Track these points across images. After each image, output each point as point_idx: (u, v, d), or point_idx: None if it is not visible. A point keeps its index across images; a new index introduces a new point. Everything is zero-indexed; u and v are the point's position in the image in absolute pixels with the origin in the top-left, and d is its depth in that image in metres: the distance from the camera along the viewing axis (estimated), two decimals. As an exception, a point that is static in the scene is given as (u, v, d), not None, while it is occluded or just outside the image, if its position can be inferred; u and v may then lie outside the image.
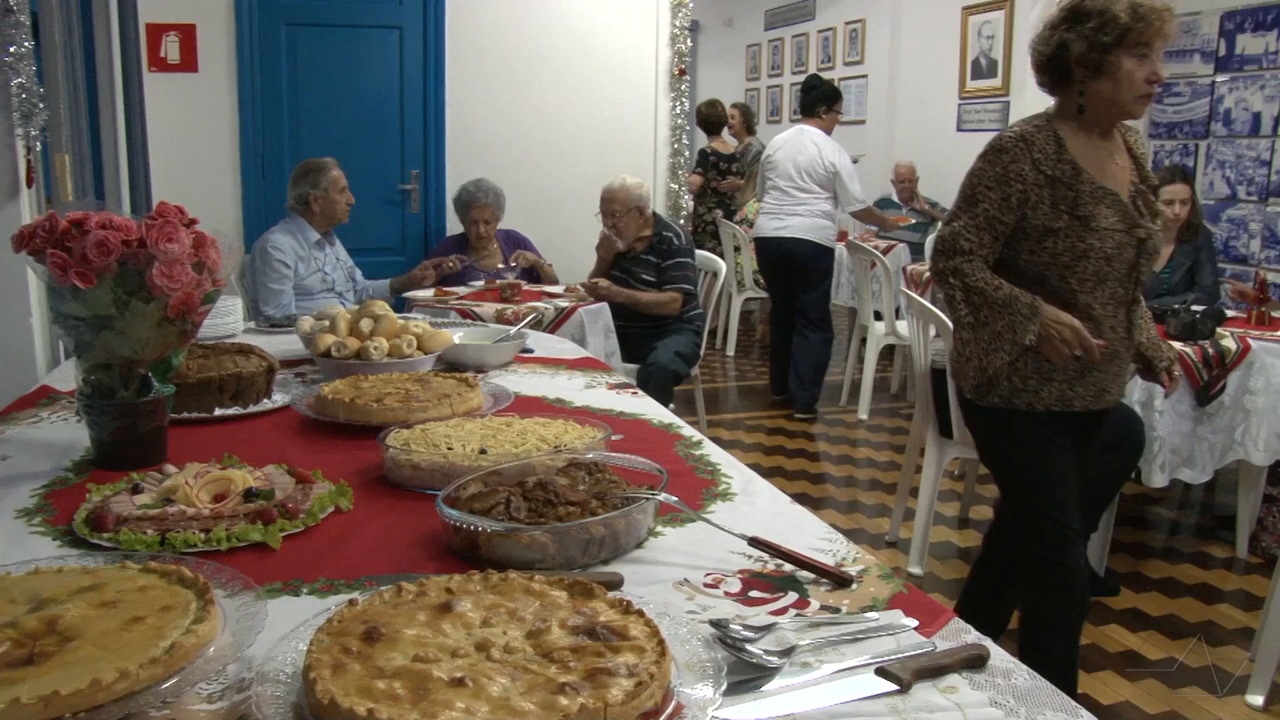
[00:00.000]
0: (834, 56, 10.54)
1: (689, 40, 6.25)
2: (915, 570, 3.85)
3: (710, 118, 8.16)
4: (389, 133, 5.81)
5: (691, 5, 6.19)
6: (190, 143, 5.31)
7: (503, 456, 1.72)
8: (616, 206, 4.79)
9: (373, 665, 1.05)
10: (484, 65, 5.86)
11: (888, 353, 6.56)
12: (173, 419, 1.95)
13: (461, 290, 4.66)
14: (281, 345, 2.88)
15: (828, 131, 5.99)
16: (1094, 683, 3.13)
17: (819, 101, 6.00)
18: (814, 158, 5.84)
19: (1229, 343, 3.85)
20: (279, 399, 2.30)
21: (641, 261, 4.85)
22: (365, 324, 2.59)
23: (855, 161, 6.07)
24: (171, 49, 5.27)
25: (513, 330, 3.00)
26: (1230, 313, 4.57)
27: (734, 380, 7.07)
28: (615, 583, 1.35)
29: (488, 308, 4.26)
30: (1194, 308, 4.04)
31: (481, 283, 4.78)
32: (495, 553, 1.42)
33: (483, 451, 1.76)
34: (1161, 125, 7.05)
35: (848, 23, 10.26)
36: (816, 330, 6.02)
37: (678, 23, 6.15)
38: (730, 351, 7.75)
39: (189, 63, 5.30)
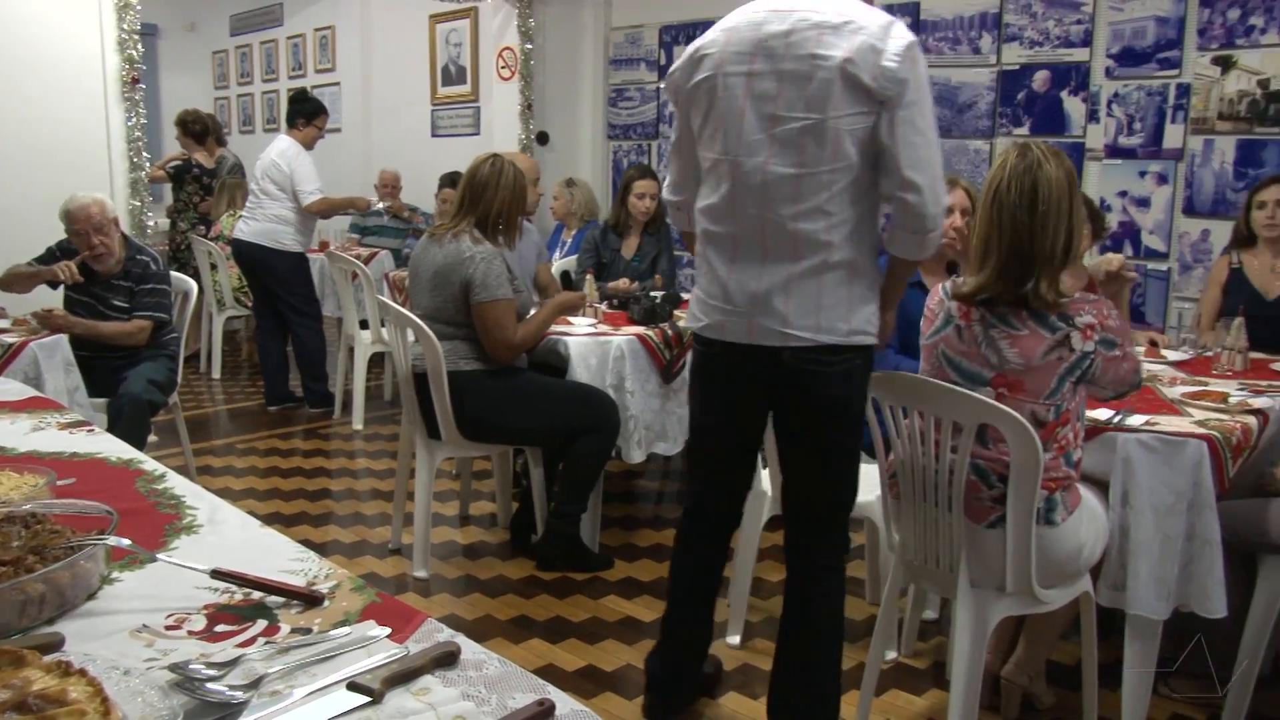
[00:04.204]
0: (305, 64, 10.33)
1: (140, 45, 5.82)
2: (421, 574, 3.88)
3: (195, 126, 7.65)
4: None
5: (141, 8, 5.77)
6: None
7: (-80, 520, 1.52)
8: (96, 221, 4.25)
9: None
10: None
11: (378, 361, 6.55)
12: None
13: (-119, 334, 4.03)
14: None
15: (305, 143, 6.24)
16: (597, 653, 3.33)
17: (298, 115, 6.30)
18: (273, 162, 6.12)
19: (685, 323, 4.23)
20: None
21: (114, 287, 4.43)
22: None
23: None
24: None
25: (-60, 374, 2.66)
26: (685, 295, 5.04)
27: (222, 404, 6.73)
28: (55, 644, 1.23)
29: (-84, 350, 3.73)
30: (653, 293, 4.40)
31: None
32: (-91, 632, 1.25)
33: (-106, 518, 1.54)
34: (618, 128, 7.64)
35: (317, 29, 10.09)
36: (306, 325, 6.22)
37: (126, 26, 5.71)
38: (216, 374, 7.35)
39: None
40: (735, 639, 3.38)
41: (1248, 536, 2.79)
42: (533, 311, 3.94)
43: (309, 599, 1.39)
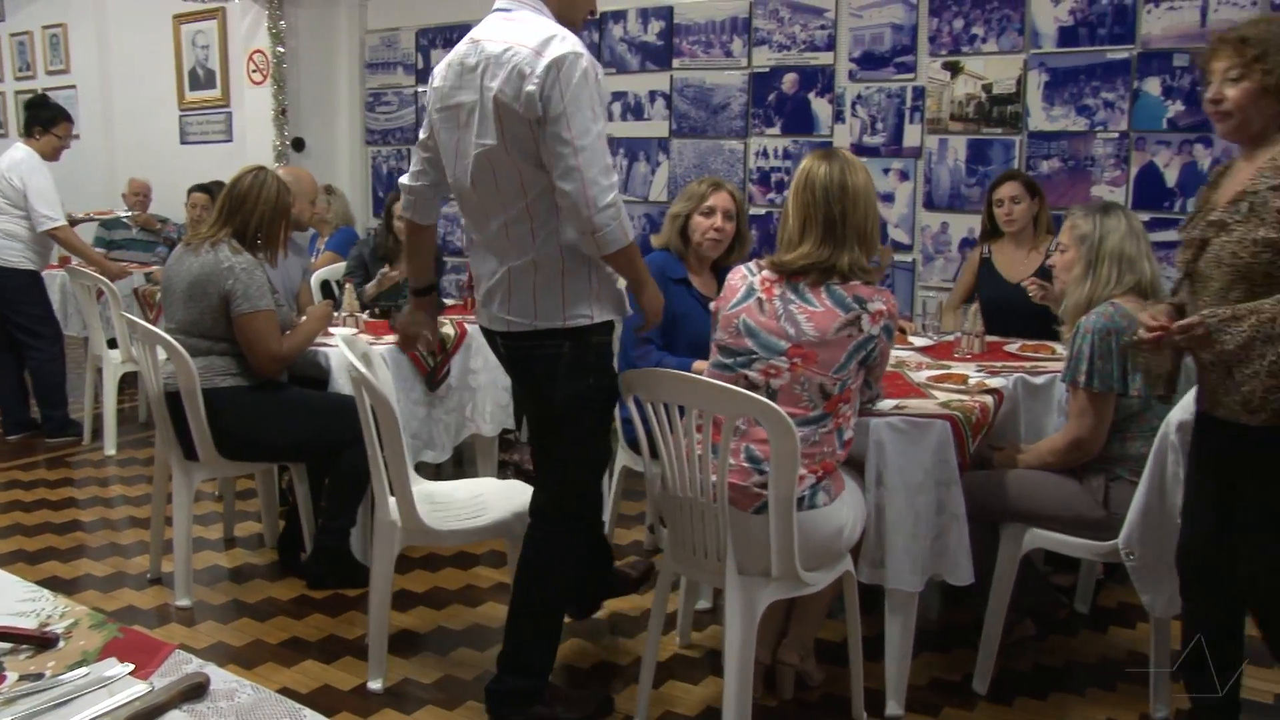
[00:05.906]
0: (34, 64, 9.66)
1: None
2: (184, 602, 3.68)
3: None
4: None
5: None
6: None
7: None
8: None
9: None
10: None
11: (130, 381, 6.19)
12: None
13: None
14: None
15: (45, 154, 5.84)
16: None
17: (34, 122, 5.92)
18: (2, 174, 5.71)
19: (448, 329, 4.14)
20: None
21: None
22: None
23: None
24: None
25: None
26: (449, 301, 4.98)
27: (-48, 435, 6.22)
28: None
29: None
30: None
31: None
32: None
33: None
34: (376, 133, 7.48)
35: (46, 27, 9.45)
36: (40, 348, 5.85)
37: None
38: (-55, 403, 6.79)
39: None
40: (377, 684, 3.11)
41: (989, 507, 2.99)
42: (299, 324, 3.82)
43: (41, 641, 1.30)
